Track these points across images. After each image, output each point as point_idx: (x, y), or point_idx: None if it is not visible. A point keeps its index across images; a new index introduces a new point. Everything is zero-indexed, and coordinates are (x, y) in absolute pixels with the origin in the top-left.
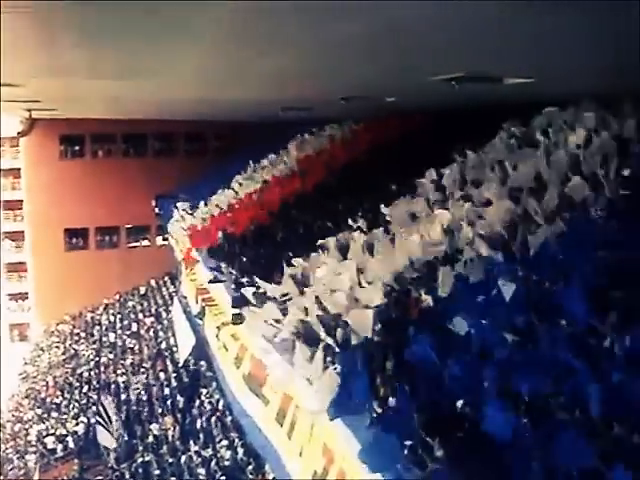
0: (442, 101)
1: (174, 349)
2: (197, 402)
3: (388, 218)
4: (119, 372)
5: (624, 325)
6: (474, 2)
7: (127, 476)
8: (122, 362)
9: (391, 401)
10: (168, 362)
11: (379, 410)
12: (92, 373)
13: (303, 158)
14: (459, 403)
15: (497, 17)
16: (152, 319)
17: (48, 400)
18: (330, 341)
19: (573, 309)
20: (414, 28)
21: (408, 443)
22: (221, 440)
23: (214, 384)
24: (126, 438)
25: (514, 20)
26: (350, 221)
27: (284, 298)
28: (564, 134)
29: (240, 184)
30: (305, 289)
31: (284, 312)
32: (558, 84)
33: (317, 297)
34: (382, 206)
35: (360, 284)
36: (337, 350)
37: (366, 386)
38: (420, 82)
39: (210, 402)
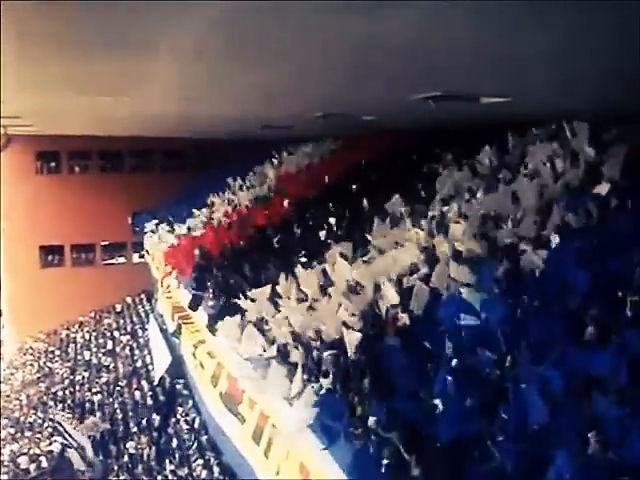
0: (421, 119)
1: (150, 367)
2: (173, 421)
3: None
4: (94, 391)
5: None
6: (451, 21)
7: None
8: (97, 380)
9: (370, 421)
10: (144, 380)
11: (357, 431)
12: (67, 392)
13: (282, 177)
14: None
15: (474, 36)
16: (128, 337)
17: (22, 419)
18: (307, 361)
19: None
20: (392, 46)
21: (385, 462)
22: (197, 459)
23: (190, 402)
24: (101, 458)
25: (489, 39)
26: (330, 241)
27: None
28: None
29: (218, 203)
30: (280, 308)
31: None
32: (535, 104)
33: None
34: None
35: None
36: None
37: (344, 407)
38: (398, 100)
39: (186, 421)
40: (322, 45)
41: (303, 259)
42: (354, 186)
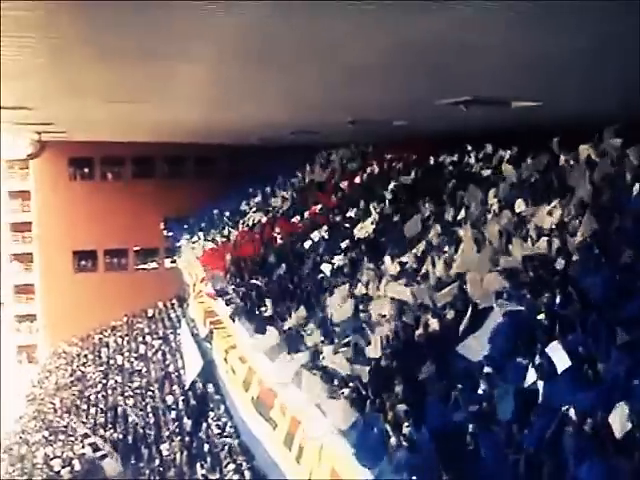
0: (451, 125)
1: (181, 372)
2: (204, 425)
3: None
4: (126, 395)
5: None
6: (483, 25)
7: None
8: (129, 385)
9: (405, 430)
10: (175, 385)
11: (393, 440)
12: (99, 396)
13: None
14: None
15: (505, 40)
16: (160, 342)
17: (55, 422)
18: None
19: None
20: (424, 51)
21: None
22: (228, 464)
23: (222, 407)
24: (133, 462)
25: (522, 43)
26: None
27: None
28: None
29: (252, 211)
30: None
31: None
32: (565, 108)
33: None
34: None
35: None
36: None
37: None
38: (429, 105)
39: (217, 425)
40: (353, 48)
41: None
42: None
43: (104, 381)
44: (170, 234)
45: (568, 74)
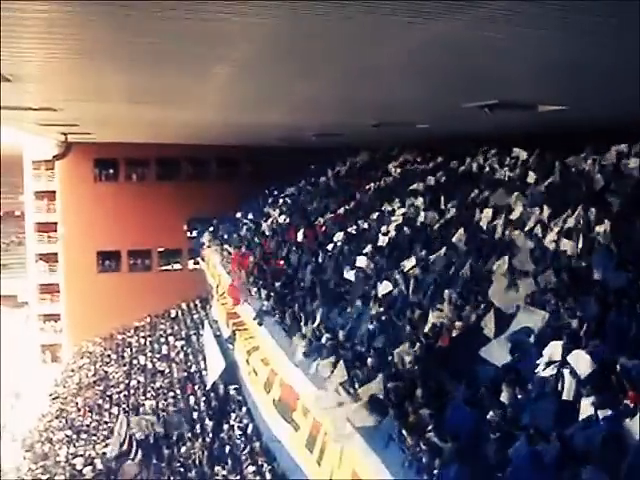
0: (473, 128)
1: (204, 373)
2: (226, 426)
3: None
4: (149, 395)
5: None
6: (509, 28)
7: None
8: (152, 385)
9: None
10: (197, 386)
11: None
12: (122, 395)
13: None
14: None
15: (531, 43)
16: (182, 342)
17: (78, 421)
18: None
19: None
20: (450, 53)
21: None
22: (249, 465)
23: (243, 408)
24: (154, 462)
25: (549, 46)
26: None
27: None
28: None
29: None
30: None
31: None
32: (591, 113)
33: None
34: None
35: None
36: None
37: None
38: (453, 108)
39: (239, 426)
40: (379, 51)
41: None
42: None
43: (126, 381)
44: (194, 235)
45: (594, 78)
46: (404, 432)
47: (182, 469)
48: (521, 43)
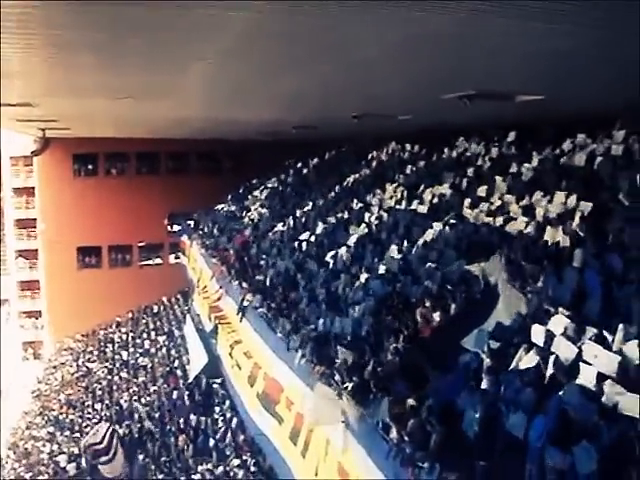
0: (454, 119)
1: (187, 367)
2: (210, 420)
3: None
4: (132, 390)
5: None
6: (487, 19)
7: None
8: (135, 380)
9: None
10: (181, 380)
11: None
12: (105, 392)
13: None
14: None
15: (508, 34)
16: (164, 337)
17: (61, 418)
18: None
19: None
20: (430, 46)
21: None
22: (234, 459)
23: (227, 402)
24: (139, 457)
25: (525, 37)
26: None
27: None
28: None
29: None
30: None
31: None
32: (569, 102)
33: None
34: None
35: None
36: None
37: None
38: (433, 100)
39: (223, 420)
40: (359, 44)
41: None
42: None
43: (109, 377)
44: (174, 230)
45: (571, 68)
46: (388, 423)
47: (167, 464)
48: (501, 35)
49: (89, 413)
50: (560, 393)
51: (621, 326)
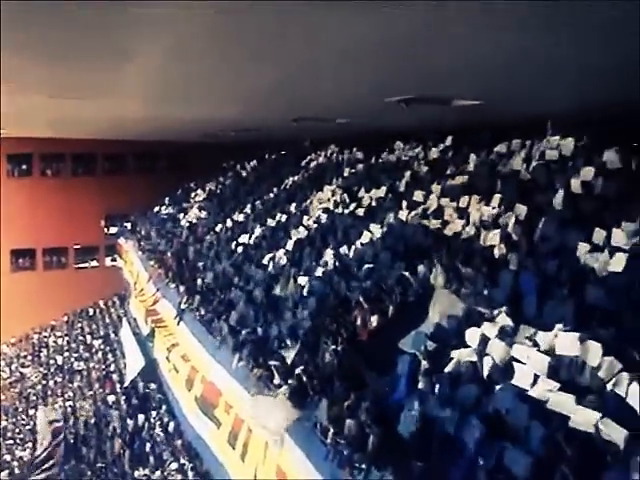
0: (393, 122)
1: (123, 371)
2: (147, 425)
3: None
4: (67, 396)
5: None
6: (426, 22)
7: None
8: (70, 385)
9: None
10: (117, 385)
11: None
12: (39, 397)
13: None
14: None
15: (447, 39)
16: (100, 341)
17: None
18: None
19: None
20: (369, 50)
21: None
22: (171, 463)
23: (164, 406)
24: (74, 463)
25: (465, 42)
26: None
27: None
28: None
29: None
30: None
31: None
32: (507, 107)
33: None
34: None
35: None
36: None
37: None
38: (372, 103)
39: (160, 425)
40: (298, 47)
41: None
42: None
43: (44, 382)
44: (111, 232)
45: (508, 74)
46: (325, 425)
47: (103, 469)
48: (440, 39)
49: (23, 419)
50: (494, 394)
51: (556, 327)
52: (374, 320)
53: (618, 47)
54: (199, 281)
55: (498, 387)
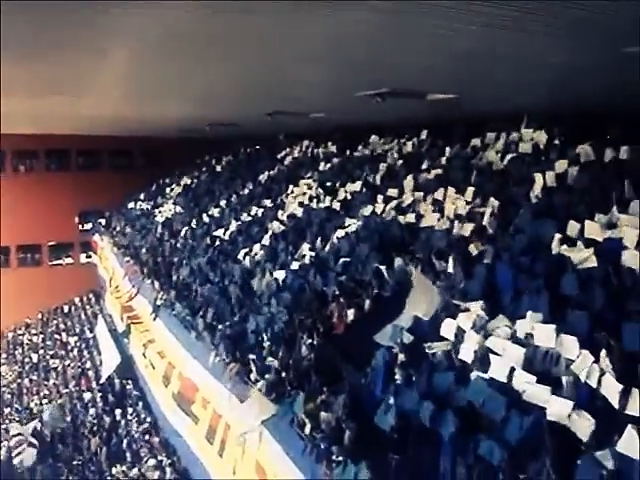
0: (369, 117)
1: (100, 368)
2: (124, 422)
3: None
4: (42, 393)
5: None
6: (400, 16)
7: None
8: (45, 383)
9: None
10: (93, 382)
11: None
12: (14, 395)
13: None
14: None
15: (423, 34)
16: (76, 338)
17: None
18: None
19: None
20: (345, 44)
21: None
22: (149, 460)
23: (140, 403)
24: (51, 460)
25: (440, 37)
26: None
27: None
28: None
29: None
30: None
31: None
32: (482, 101)
33: None
34: None
35: None
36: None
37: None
38: (346, 97)
39: (137, 421)
40: (272, 43)
41: None
42: None
43: (19, 380)
44: (85, 228)
45: (483, 69)
46: (302, 419)
47: (80, 467)
48: (415, 33)
49: None
50: (469, 386)
51: (527, 318)
52: (350, 314)
53: (587, 46)
54: (174, 277)
55: (473, 379)
